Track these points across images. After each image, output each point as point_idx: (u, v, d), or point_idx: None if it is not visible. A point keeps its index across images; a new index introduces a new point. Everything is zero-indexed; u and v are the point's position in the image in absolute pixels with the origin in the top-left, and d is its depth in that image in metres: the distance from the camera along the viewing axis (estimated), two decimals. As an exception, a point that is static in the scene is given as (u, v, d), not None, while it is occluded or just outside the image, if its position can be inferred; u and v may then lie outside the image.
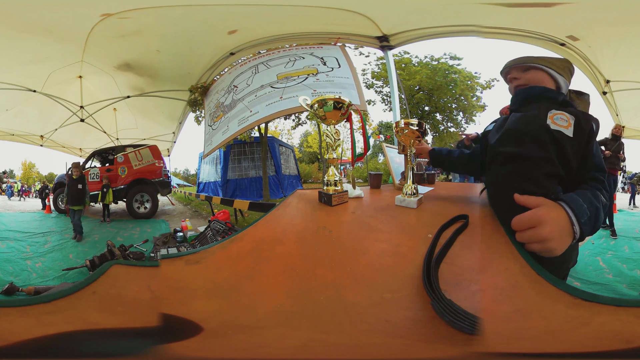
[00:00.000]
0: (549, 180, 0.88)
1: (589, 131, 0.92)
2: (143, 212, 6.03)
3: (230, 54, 4.98)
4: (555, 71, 1.12)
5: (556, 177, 0.90)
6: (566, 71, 1.14)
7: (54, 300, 0.64)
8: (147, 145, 6.33)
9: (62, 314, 0.62)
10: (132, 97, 5.76)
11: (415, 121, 1.23)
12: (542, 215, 0.75)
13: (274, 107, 4.25)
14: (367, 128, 1.49)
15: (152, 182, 6.13)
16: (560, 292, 0.60)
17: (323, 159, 10.56)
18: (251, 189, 7.37)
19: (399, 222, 1.06)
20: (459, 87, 11.20)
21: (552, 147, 0.89)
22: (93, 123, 6.05)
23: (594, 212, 0.81)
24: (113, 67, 5.04)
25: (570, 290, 0.60)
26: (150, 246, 3.84)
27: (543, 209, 0.77)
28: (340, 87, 4.27)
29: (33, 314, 0.61)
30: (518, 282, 0.65)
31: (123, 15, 3.64)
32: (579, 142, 0.90)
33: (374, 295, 0.63)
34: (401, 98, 6.52)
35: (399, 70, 10.33)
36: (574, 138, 0.90)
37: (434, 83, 11.04)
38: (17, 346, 0.51)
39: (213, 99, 5.20)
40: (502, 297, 0.61)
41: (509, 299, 0.61)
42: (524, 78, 1.14)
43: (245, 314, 0.61)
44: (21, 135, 6.19)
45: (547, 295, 0.60)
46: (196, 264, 0.81)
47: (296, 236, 0.99)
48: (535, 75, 1.12)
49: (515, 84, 1.16)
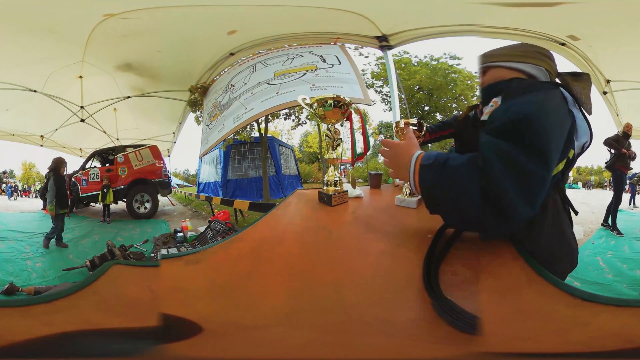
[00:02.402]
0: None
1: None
2: (143, 213, 6.03)
3: (230, 54, 4.98)
4: (514, 62, 0.98)
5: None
6: (532, 55, 0.99)
7: (54, 300, 0.64)
8: (147, 145, 6.33)
9: (63, 314, 0.62)
10: (133, 97, 5.76)
11: (415, 121, 1.23)
12: (392, 143, 0.91)
13: (269, 103, 4.17)
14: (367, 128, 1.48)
15: (152, 183, 6.12)
16: (560, 292, 0.60)
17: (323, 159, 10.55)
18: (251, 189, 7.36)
19: (399, 222, 1.06)
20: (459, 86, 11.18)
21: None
22: (93, 123, 6.06)
23: (442, 163, 0.75)
24: (113, 67, 5.05)
25: (570, 290, 0.60)
26: (150, 246, 3.83)
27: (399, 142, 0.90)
28: (342, 82, 4.21)
29: (33, 314, 0.61)
30: (518, 282, 0.65)
31: (124, 16, 3.65)
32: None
33: (374, 295, 0.63)
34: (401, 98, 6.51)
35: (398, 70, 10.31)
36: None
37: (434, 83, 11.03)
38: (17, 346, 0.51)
39: (211, 98, 5.20)
40: (502, 297, 0.61)
41: (509, 299, 0.61)
42: (485, 81, 1.03)
43: (245, 314, 0.61)
44: (21, 135, 6.19)
45: (547, 295, 0.60)
46: (196, 264, 0.81)
47: (296, 236, 0.99)
48: (493, 74, 1.01)
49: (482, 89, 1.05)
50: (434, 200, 0.77)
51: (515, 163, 0.67)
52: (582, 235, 4.31)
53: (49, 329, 0.57)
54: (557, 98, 0.81)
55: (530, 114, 0.72)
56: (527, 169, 0.67)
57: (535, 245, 0.79)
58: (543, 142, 0.70)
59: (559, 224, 0.92)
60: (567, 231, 0.94)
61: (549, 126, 0.72)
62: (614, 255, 3.41)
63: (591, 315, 0.55)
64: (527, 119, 0.71)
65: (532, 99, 0.76)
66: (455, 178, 0.71)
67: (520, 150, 0.68)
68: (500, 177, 0.66)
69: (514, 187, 0.66)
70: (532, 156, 0.67)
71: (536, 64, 0.98)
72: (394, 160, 0.89)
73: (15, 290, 2.63)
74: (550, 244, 0.86)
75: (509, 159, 0.67)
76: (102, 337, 0.57)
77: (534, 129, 0.70)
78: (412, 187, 0.81)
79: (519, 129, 0.70)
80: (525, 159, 0.67)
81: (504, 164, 0.67)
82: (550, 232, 0.88)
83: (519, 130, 0.70)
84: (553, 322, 0.54)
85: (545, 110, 0.74)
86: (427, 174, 0.76)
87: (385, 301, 0.61)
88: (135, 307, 0.66)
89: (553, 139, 0.72)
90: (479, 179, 0.68)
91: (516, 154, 0.67)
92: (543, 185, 0.69)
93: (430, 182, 0.75)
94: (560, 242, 0.92)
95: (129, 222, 5.69)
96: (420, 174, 0.77)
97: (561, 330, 0.53)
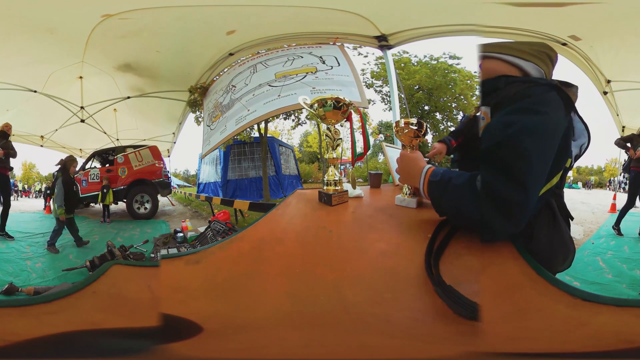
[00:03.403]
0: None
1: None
2: (143, 213, 6.03)
3: (229, 55, 4.99)
4: (515, 57, 0.94)
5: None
6: (538, 56, 0.96)
7: (54, 300, 0.64)
8: (147, 145, 6.33)
9: (62, 314, 0.62)
10: (133, 97, 5.76)
11: (415, 120, 1.23)
12: (403, 155, 1.07)
13: (271, 105, 4.21)
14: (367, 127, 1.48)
15: (152, 183, 6.12)
16: (560, 292, 0.60)
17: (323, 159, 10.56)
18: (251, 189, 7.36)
19: (399, 221, 1.06)
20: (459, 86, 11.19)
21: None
22: (93, 124, 6.06)
23: (447, 181, 0.86)
24: (113, 67, 5.05)
25: (570, 290, 0.60)
26: (150, 247, 3.83)
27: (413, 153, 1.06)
28: (340, 84, 4.23)
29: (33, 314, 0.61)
30: (518, 282, 0.65)
31: (123, 16, 3.65)
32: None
33: (374, 295, 0.63)
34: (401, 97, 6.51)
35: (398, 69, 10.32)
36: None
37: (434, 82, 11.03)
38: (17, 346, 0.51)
39: (212, 99, 5.20)
40: (502, 297, 0.61)
41: (509, 299, 0.61)
42: (481, 72, 0.99)
43: (245, 314, 0.61)
44: (21, 135, 6.19)
45: (547, 295, 0.60)
46: (196, 264, 0.81)
47: (296, 236, 0.99)
48: (488, 65, 0.97)
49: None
50: (440, 209, 0.90)
51: (495, 193, 0.71)
52: (582, 235, 4.31)
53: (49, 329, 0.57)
54: (553, 105, 0.79)
55: (512, 137, 0.73)
56: (506, 198, 0.70)
57: (531, 247, 0.82)
58: (524, 168, 0.71)
59: (557, 227, 0.92)
60: (565, 234, 0.94)
61: (533, 149, 0.73)
62: (614, 255, 3.41)
63: (591, 315, 0.55)
64: (509, 143, 0.73)
65: (516, 119, 0.76)
66: (457, 195, 0.82)
67: (500, 178, 0.71)
68: (484, 203, 0.72)
69: (497, 212, 0.70)
70: (509, 183, 0.70)
71: (539, 65, 0.96)
72: (406, 171, 1.05)
73: (15, 290, 2.63)
74: (547, 246, 0.87)
75: (490, 188, 0.71)
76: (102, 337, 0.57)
77: (516, 153, 0.72)
78: (421, 194, 0.97)
79: (500, 155, 0.73)
80: (504, 187, 0.70)
81: (487, 193, 0.72)
82: (547, 235, 0.89)
83: (501, 156, 0.73)
84: (553, 322, 0.54)
85: (529, 130, 0.74)
86: (434, 189, 0.90)
87: (385, 301, 0.61)
88: (135, 307, 0.66)
89: (538, 159, 0.73)
90: (475, 199, 0.76)
91: (496, 183, 0.71)
92: (523, 208, 0.71)
93: (437, 195, 0.89)
94: (558, 244, 0.92)
95: (129, 222, 5.69)
96: (429, 187, 0.91)
97: (561, 330, 0.53)
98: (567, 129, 0.83)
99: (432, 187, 0.90)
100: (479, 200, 0.73)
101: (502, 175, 0.71)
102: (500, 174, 0.71)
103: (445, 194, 0.84)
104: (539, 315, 0.56)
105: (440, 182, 0.87)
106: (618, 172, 11.34)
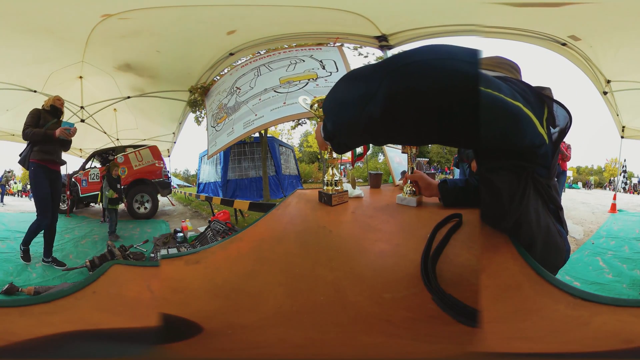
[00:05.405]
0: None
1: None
2: (143, 213, 6.03)
3: (229, 54, 4.98)
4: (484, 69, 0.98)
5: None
6: (502, 66, 0.99)
7: (54, 300, 0.64)
8: (147, 145, 6.33)
9: (62, 314, 0.62)
10: (133, 97, 5.76)
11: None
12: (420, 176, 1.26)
13: (278, 113, 4.34)
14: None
15: (152, 183, 6.13)
16: (560, 292, 0.60)
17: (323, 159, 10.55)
18: (251, 189, 7.36)
19: (399, 221, 1.06)
20: (459, 86, 11.16)
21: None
22: (93, 123, 6.06)
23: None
24: (113, 67, 5.04)
25: (570, 290, 0.60)
26: (150, 246, 3.83)
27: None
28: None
29: (33, 314, 0.61)
30: (518, 282, 0.65)
31: (123, 16, 3.64)
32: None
33: (374, 295, 0.63)
34: (401, 98, 6.49)
35: (399, 70, 10.28)
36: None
37: (434, 83, 11.01)
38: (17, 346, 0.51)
39: (215, 99, 5.20)
40: (502, 297, 0.61)
41: (509, 299, 0.61)
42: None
43: (245, 314, 0.61)
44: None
45: (547, 295, 0.60)
46: (196, 264, 0.81)
47: (296, 236, 0.99)
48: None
49: None
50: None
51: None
52: (582, 235, 4.31)
53: (49, 329, 0.57)
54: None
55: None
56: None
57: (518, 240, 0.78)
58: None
59: (544, 222, 0.86)
60: (551, 229, 0.89)
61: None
62: (614, 255, 3.41)
63: (591, 315, 0.55)
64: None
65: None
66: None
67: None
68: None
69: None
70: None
71: (506, 74, 0.99)
72: (427, 187, 1.25)
73: (15, 290, 2.63)
74: (533, 241, 0.83)
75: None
76: (102, 337, 0.57)
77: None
78: (440, 201, 1.20)
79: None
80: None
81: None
82: (531, 228, 0.83)
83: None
84: (553, 322, 0.54)
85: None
86: (447, 196, 1.17)
87: (384, 301, 0.61)
88: (135, 307, 0.66)
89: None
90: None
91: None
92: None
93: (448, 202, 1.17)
94: (543, 240, 0.87)
95: (128, 222, 5.69)
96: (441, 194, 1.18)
97: (561, 330, 0.53)
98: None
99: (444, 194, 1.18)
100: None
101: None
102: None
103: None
104: (538, 315, 0.56)
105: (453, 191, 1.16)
106: (618, 172, 11.34)
